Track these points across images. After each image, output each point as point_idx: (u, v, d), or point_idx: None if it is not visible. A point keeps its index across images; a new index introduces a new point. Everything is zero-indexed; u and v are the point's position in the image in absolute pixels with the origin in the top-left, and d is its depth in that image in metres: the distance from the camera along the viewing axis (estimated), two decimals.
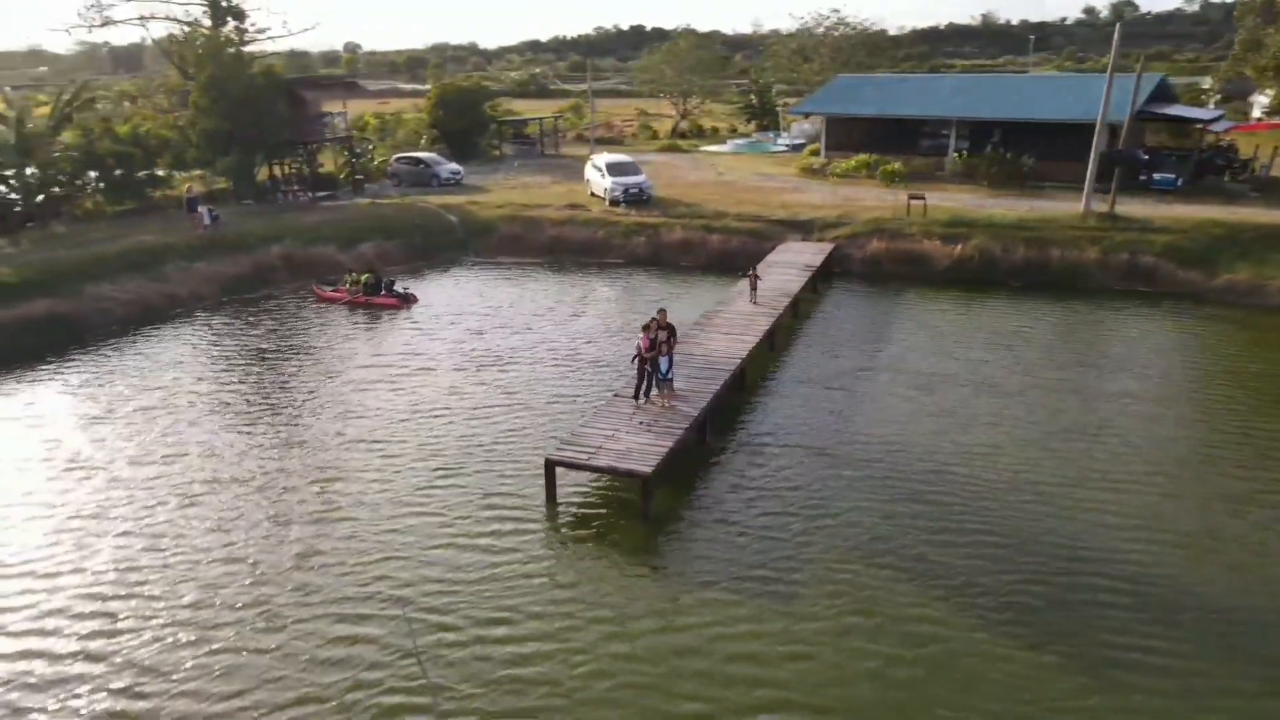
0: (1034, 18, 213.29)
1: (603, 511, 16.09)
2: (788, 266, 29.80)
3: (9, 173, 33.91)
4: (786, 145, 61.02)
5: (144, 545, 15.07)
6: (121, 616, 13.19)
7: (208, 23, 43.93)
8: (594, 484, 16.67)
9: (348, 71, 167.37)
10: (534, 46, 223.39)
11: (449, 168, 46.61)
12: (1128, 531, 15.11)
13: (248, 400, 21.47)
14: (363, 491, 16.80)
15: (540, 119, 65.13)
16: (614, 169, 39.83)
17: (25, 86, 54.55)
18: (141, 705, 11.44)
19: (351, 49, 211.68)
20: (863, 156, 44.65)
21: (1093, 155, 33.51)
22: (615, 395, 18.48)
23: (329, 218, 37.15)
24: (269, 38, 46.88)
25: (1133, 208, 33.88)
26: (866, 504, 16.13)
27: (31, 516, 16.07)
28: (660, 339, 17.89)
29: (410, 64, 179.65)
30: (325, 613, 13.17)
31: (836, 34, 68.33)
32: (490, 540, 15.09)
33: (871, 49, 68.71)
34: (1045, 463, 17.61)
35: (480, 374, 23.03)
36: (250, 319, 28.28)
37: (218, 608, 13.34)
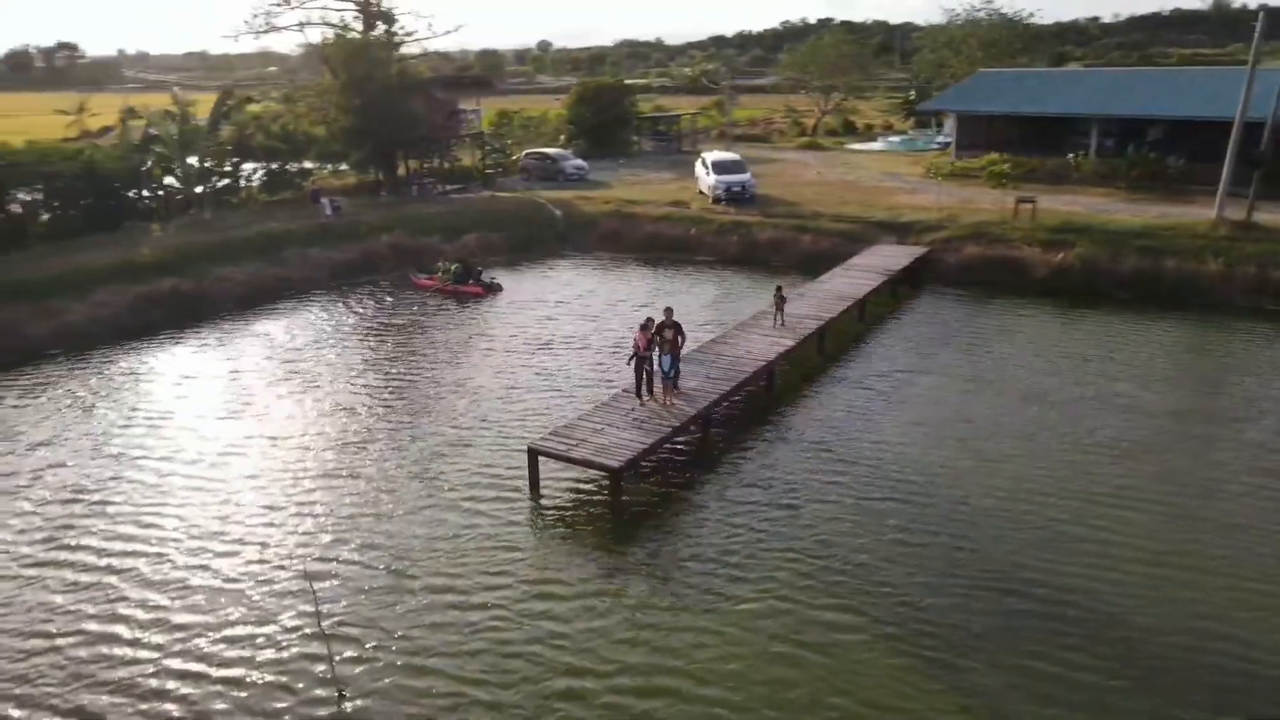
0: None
1: (581, 498, 16.59)
2: (865, 271, 29.08)
3: (173, 165, 38.21)
4: (940, 144, 58.68)
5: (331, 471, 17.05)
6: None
7: (359, 27, 47.46)
8: (581, 473, 17.14)
9: (534, 69, 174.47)
10: (717, 42, 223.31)
11: (574, 163, 48.22)
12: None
13: (329, 370, 23.50)
14: (381, 457, 18.14)
15: (677, 115, 65.91)
16: (719, 167, 39.98)
17: (248, 85, 60.53)
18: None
19: (544, 47, 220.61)
20: (992, 156, 42.50)
21: (1228, 157, 30.53)
22: (622, 391, 18.88)
23: (445, 210, 39.48)
24: (415, 40, 50.01)
25: (1278, 216, 30.64)
26: (844, 502, 15.93)
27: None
28: (667, 337, 18.16)
29: (591, 61, 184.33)
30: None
31: (984, 25, 64.78)
32: (471, 507, 16.09)
33: (1027, 41, 64.72)
34: (1067, 481, 16.59)
35: (530, 357, 24.11)
36: (351, 301, 30.65)
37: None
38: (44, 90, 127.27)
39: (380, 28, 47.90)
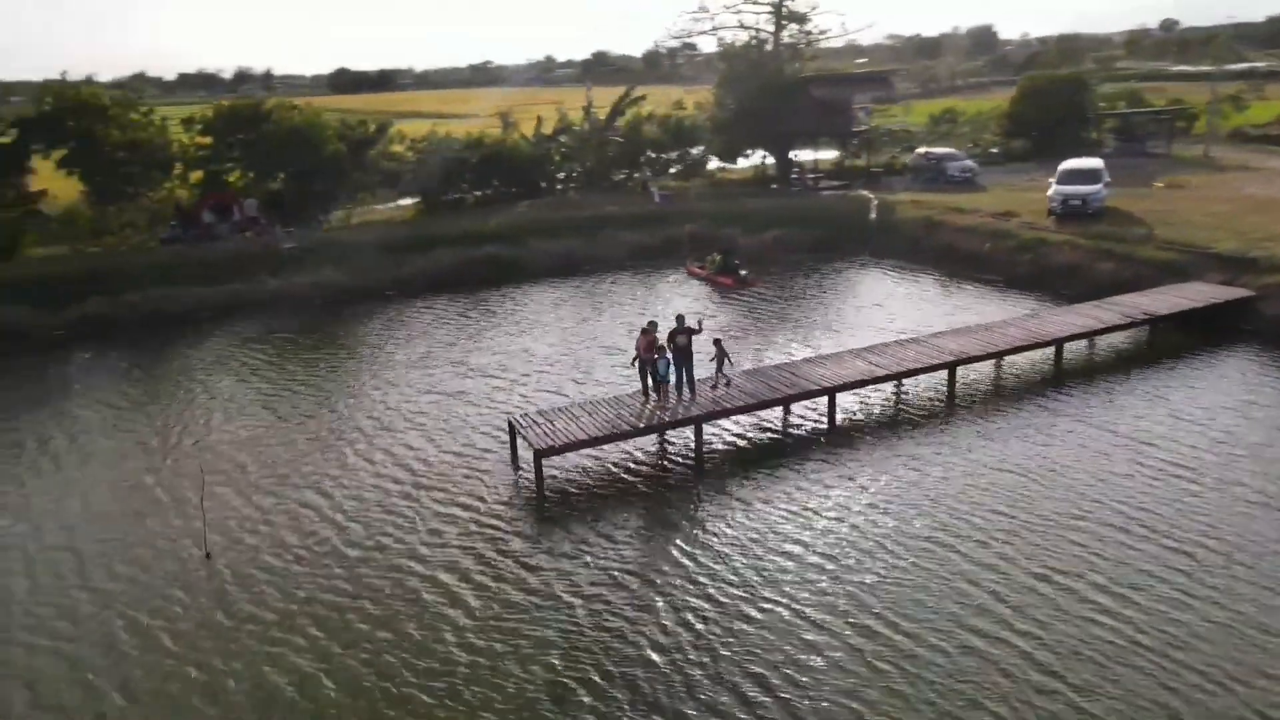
0: None
1: (556, 478, 18.29)
2: (1116, 308, 24.33)
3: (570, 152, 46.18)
4: None
5: None
6: None
7: (770, 29, 50.46)
8: (580, 456, 18.76)
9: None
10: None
11: (959, 164, 45.54)
12: None
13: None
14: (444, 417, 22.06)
15: (1158, 110, 56.26)
16: (1065, 175, 34.89)
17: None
18: None
19: (1168, 26, 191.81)
20: None
21: None
22: (640, 390, 19.83)
23: (775, 205, 41.12)
24: (828, 38, 51.41)
25: None
26: (776, 535, 15.55)
27: None
28: (680, 344, 18.87)
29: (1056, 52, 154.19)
30: None
31: None
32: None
33: None
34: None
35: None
36: (629, 280, 34.69)
37: None
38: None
39: (792, 28, 50.47)
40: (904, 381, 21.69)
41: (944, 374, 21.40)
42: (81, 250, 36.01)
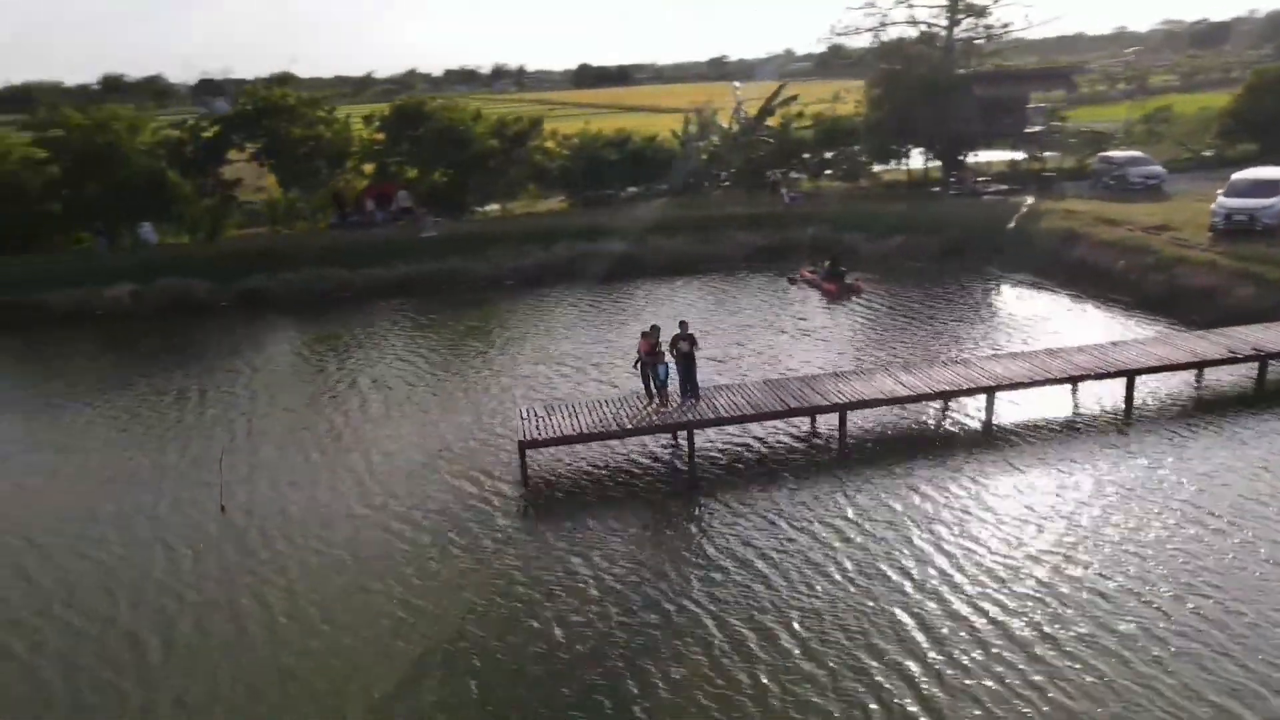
0: None
1: (555, 469, 19.24)
2: (1222, 339, 21.51)
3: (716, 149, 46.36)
4: None
5: None
6: None
7: (943, 23, 47.76)
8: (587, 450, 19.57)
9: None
10: None
11: (1142, 170, 41.21)
12: None
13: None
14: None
15: None
16: (1236, 187, 30.73)
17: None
18: None
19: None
20: None
21: None
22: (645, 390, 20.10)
23: (913, 210, 39.28)
24: (1010, 32, 47.87)
25: None
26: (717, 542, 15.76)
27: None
28: (683, 350, 19.09)
29: None
30: None
31: None
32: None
33: None
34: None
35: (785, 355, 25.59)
36: (735, 281, 34.65)
37: None
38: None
39: (969, 23, 47.62)
40: (949, 403, 20.54)
41: (982, 399, 20.04)
42: (278, 232, 41.20)
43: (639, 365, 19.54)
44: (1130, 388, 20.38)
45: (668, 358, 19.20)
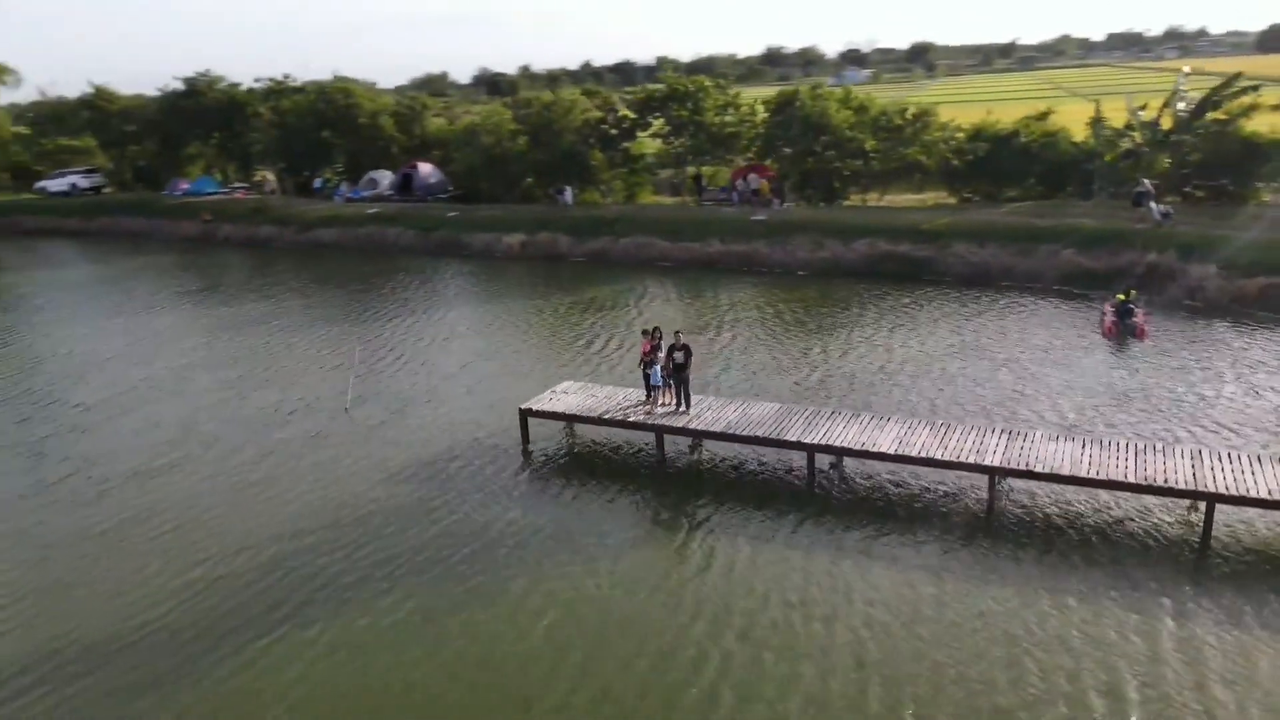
0: None
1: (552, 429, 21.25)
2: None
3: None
4: None
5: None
6: None
7: None
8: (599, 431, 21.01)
9: None
10: None
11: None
12: None
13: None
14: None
15: None
16: None
17: None
18: None
19: None
20: None
21: None
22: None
23: None
24: None
25: None
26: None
27: None
28: (678, 360, 19.44)
29: None
30: None
31: None
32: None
33: None
34: None
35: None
36: (1031, 308, 29.54)
37: None
38: None
39: None
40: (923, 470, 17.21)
41: (982, 481, 16.46)
42: (685, 203, 47.00)
43: (641, 365, 20.40)
44: (1210, 513, 14.77)
45: (656, 361, 19.74)
